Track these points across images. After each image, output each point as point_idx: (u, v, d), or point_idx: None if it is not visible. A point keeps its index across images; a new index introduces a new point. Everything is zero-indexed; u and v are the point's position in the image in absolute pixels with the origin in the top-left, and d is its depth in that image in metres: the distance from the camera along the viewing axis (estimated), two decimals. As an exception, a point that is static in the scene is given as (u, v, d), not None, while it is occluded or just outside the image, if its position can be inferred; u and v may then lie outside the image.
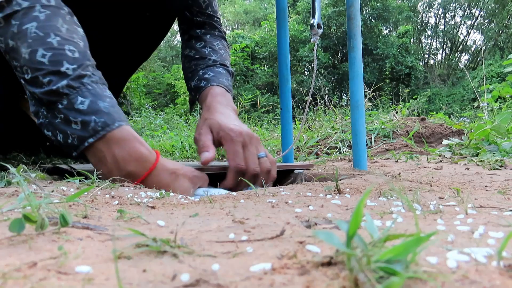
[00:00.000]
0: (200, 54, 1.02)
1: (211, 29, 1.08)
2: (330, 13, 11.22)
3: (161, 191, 0.59)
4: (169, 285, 0.22)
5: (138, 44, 1.11)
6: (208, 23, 1.07)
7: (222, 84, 0.94)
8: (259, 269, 0.24)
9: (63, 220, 0.32)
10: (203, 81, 0.95)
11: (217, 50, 1.04)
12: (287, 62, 1.32)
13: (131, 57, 1.15)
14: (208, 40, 1.05)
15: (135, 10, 1.00)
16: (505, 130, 1.67)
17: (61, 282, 0.22)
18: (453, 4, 15.31)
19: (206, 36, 1.06)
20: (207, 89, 0.92)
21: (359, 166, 1.05)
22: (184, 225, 0.36)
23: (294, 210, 0.44)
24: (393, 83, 10.98)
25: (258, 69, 10.12)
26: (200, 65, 1.00)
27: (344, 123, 2.45)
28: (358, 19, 1.06)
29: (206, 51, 1.03)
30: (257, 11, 16.19)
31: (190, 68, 1.02)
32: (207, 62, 1.00)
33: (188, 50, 1.05)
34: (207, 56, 1.01)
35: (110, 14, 0.98)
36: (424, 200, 0.50)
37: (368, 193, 0.24)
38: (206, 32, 1.07)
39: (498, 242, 0.29)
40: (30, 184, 0.58)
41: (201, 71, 0.98)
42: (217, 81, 0.94)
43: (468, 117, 4.19)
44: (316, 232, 0.23)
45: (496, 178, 0.81)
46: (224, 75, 0.98)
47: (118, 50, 1.08)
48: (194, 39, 1.06)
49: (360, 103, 1.05)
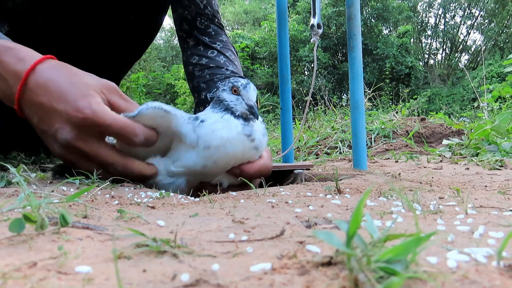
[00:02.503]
0: (215, 63, 0.98)
1: (218, 35, 1.06)
2: (330, 13, 11.21)
3: (161, 191, 0.59)
4: (169, 285, 0.22)
5: (126, 45, 1.08)
6: (212, 27, 1.06)
7: None
8: (259, 269, 0.24)
9: (63, 220, 0.32)
10: None
11: (232, 60, 1.01)
12: (287, 62, 1.32)
13: (121, 57, 1.13)
14: (220, 49, 1.02)
15: (121, 11, 0.98)
16: (505, 130, 1.67)
17: (61, 282, 0.22)
18: (453, 4, 15.31)
19: (216, 44, 1.03)
20: None
21: (359, 166, 1.05)
22: (184, 225, 0.36)
23: (294, 210, 0.44)
24: (393, 83, 10.98)
25: (258, 69, 10.12)
26: (216, 75, 0.96)
27: (344, 123, 2.45)
28: (358, 19, 1.06)
29: (221, 60, 0.99)
30: (257, 11, 16.19)
31: (203, 77, 0.97)
32: (225, 73, 0.97)
33: (198, 57, 1.01)
34: (223, 66, 0.98)
35: (96, 14, 0.97)
36: (424, 200, 0.50)
37: (368, 193, 0.24)
38: (215, 39, 1.04)
39: (498, 242, 0.29)
40: (30, 184, 0.58)
41: (220, 82, 0.94)
42: None
43: (468, 117, 4.19)
44: (316, 232, 0.23)
45: (496, 178, 0.81)
46: None
47: (107, 50, 1.06)
48: (203, 46, 1.03)
49: (360, 103, 1.05)
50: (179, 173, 0.67)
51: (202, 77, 0.98)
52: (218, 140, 0.62)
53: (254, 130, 0.65)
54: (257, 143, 0.66)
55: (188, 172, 0.66)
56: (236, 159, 0.65)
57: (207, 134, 0.62)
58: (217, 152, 0.63)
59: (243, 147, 0.64)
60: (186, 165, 0.65)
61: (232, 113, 0.64)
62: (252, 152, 0.66)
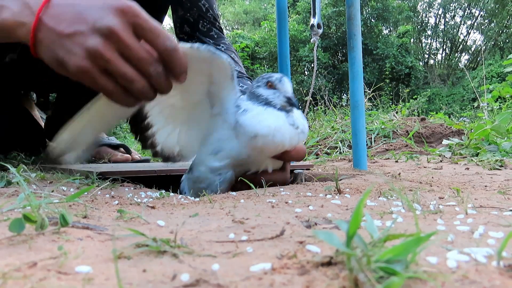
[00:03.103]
0: None
1: (220, 38, 1.05)
2: (330, 13, 11.21)
3: (161, 191, 0.59)
4: (169, 285, 0.22)
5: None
6: (214, 30, 1.05)
7: None
8: (259, 269, 0.24)
9: (63, 220, 0.32)
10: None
11: (236, 61, 1.01)
12: (287, 62, 1.32)
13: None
14: (224, 51, 1.01)
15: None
16: (505, 130, 1.67)
17: (61, 282, 0.22)
18: (453, 4, 15.31)
19: (220, 46, 1.03)
20: None
21: (359, 166, 1.05)
22: (184, 225, 0.36)
23: (294, 210, 0.44)
24: (393, 83, 10.97)
25: (258, 69, 10.12)
26: None
27: (344, 123, 2.45)
28: (358, 19, 1.06)
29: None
30: (257, 11, 16.18)
31: None
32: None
33: None
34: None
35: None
36: (424, 200, 0.50)
37: (368, 193, 0.24)
38: (218, 41, 1.04)
39: (498, 242, 0.29)
40: (30, 184, 0.58)
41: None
42: None
43: (468, 117, 4.19)
44: (316, 232, 0.23)
45: (496, 178, 0.81)
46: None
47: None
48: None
49: (360, 103, 1.05)
50: (225, 166, 0.67)
51: None
52: (265, 129, 0.63)
53: (295, 118, 0.67)
54: (301, 128, 0.68)
55: (235, 163, 0.67)
56: (283, 147, 0.66)
57: (253, 124, 0.64)
58: (264, 141, 0.64)
59: (289, 135, 0.65)
60: (231, 155, 0.66)
61: (274, 106, 0.66)
62: (301, 137, 0.68)
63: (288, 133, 0.65)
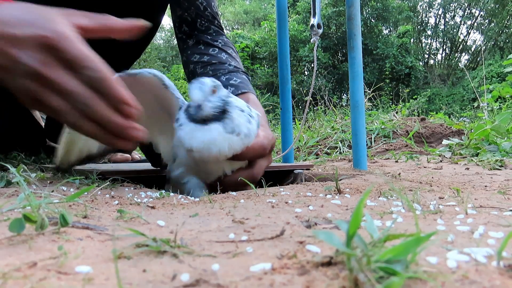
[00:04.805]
0: (218, 60, 0.98)
1: (218, 35, 1.06)
2: (330, 13, 11.22)
3: (161, 191, 0.59)
4: (169, 285, 0.22)
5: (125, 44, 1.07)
6: (212, 28, 1.05)
7: (253, 92, 0.91)
8: (259, 269, 0.24)
9: (63, 220, 0.32)
10: (230, 87, 0.90)
11: (233, 57, 1.00)
12: (287, 62, 1.32)
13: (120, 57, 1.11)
14: (221, 47, 1.02)
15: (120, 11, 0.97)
16: (505, 130, 1.67)
17: (61, 282, 0.22)
18: (453, 4, 15.32)
19: (218, 42, 1.03)
20: (240, 96, 0.85)
21: (359, 166, 1.05)
22: (184, 225, 0.36)
23: (294, 210, 0.44)
24: (393, 83, 10.98)
25: (258, 69, 10.13)
26: (219, 70, 0.95)
27: (344, 123, 2.45)
28: (358, 19, 1.06)
29: (223, 56, 0.99)
30: (257, 11, 16.19)
31: (205, 74, 0.96)
32: (228, 68, 0.96)
33: (199, 55, 1.01)
34: (226, 62, 0.98)
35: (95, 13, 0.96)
36: (424, 200, 0.50)
37: (368, 193, 0.24)
38: (215, 38, 1.04)
39: (498, 242, 0.29)
40: (30, 184, 0.58)
41: (223, 76, 0.93)
42: (247, 88, 0.90)
43: (468, 117, 4.19)
44: (316, 232, 0.23)
45: (496, 178, 0.81)
46: (249, 82, 0.94)
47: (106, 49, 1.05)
48: (204, 44, 1.02)
49: (360, 103, 1.05)
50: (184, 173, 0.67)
51: (205, 74, 0.98)
52: (199, 143, 0.61)
53: (236, 124, 0.62)
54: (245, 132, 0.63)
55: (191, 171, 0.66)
56: (225, 156, 0.63)
57: (186, 138, 0.62)
58: (200, 154, 0.62)
59: (228, 143, 0.62)
60: (184, 163, 0.65)
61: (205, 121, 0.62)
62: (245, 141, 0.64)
63: (226, 142, 0.61)
